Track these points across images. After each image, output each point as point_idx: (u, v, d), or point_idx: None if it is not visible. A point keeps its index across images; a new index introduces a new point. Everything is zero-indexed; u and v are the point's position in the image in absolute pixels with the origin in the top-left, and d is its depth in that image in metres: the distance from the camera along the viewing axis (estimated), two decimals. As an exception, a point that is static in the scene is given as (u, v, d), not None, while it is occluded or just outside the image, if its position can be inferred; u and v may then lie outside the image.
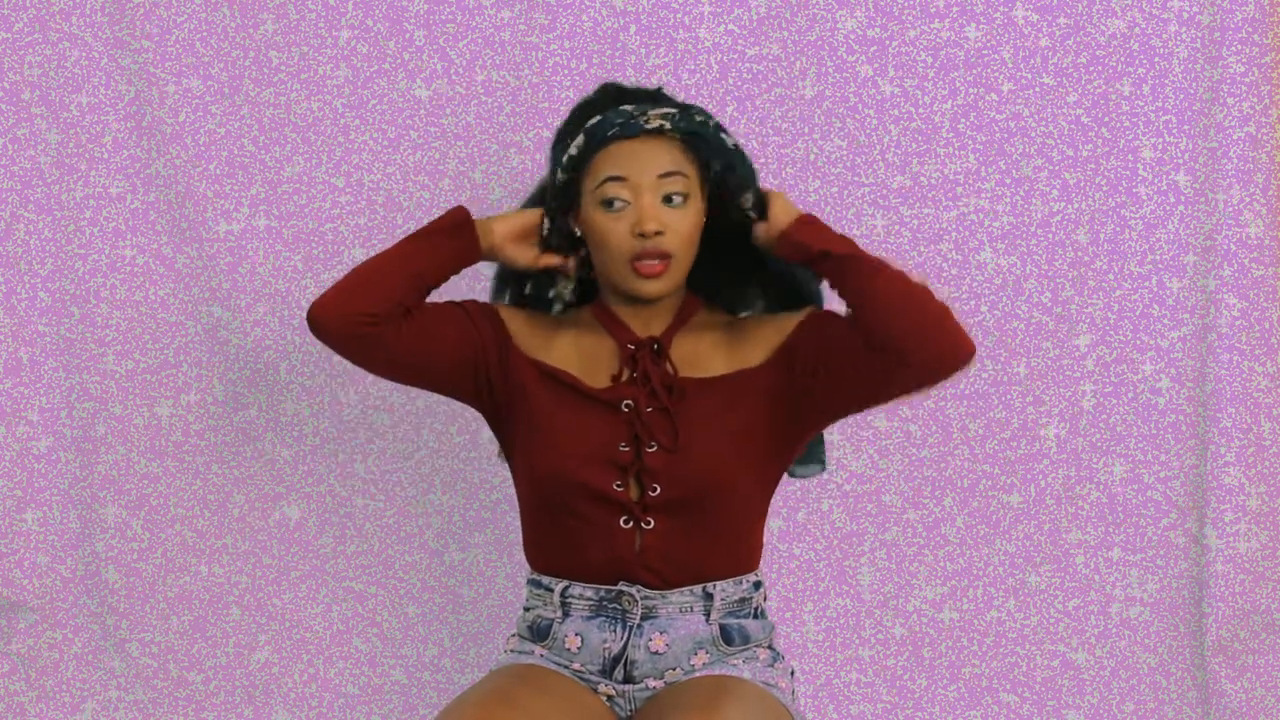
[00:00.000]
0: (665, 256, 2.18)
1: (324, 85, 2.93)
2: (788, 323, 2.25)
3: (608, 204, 2.18)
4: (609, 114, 2.19)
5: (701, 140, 2.19)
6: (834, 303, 2.23)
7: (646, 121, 2.17)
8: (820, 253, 2.18)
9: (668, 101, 2.24)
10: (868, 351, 2.13)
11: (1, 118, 2.94)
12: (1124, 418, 2.97)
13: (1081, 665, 3.00)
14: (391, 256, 2.23)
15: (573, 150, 2.20)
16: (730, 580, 2.23)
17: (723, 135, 2.21)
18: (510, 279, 2.37)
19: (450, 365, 2.25)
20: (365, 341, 2.20)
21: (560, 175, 2.22)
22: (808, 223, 2.21)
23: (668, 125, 2.17)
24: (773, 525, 2.94)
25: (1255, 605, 2.95)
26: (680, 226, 2.18)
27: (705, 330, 2.27)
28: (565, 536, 2.22)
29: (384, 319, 2.19)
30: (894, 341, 2.11)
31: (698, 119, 2.19)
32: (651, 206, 2.17)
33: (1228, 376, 2.91)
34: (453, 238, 2.23)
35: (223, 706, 3.02)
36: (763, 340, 2.24)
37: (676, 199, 2.18)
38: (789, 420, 2.23)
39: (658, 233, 2.16)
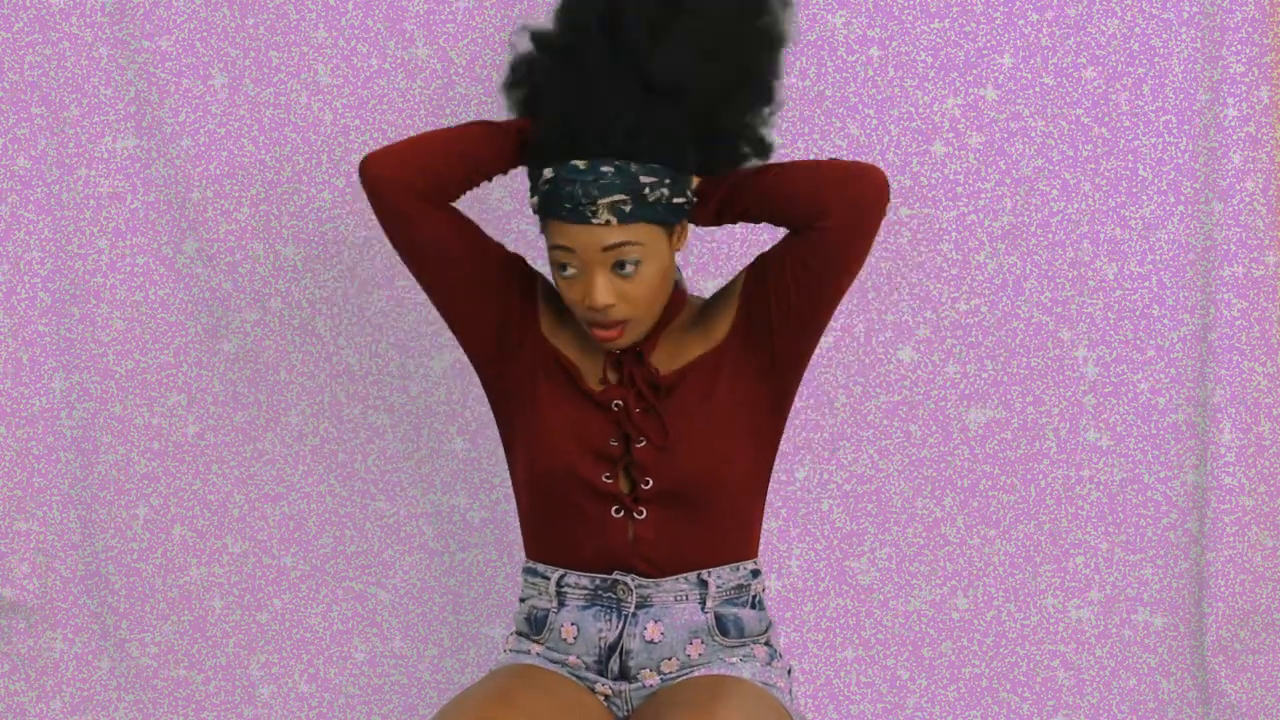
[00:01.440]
0: (618, 324, 2.16)
1: (324, 85, 2.93)
2: (736, 285, 2.26)
3: (560, 267, 2.14)
4: (562, 177, 2.10)
5: (651, 220, 2.12)
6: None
7: (594, 214, 2.09)
8: (727, 185, 2.19)
9: (627, 140, 2.10)
10: (803, 234, 2.14)
11: (1, 118, 2.94)
12: (1124, 418, 2.97)
13: (1081, 665, 3.00)
14: (453, 135, 2.21)
15: (534, 201, 2.15)
16: (727, 567, 2.24)
17: (675, 203, 2.14)
18: None
19: (474, 282, 2.23)
20: (404, 217, 2.19)
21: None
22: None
23: (614, 220, 2.09)
24: (772, 525, 2.95)
25: (1255, 605, 2.95)
26: (634, 292, 2.13)
27: (686, 324, 2.27)
28: (560, 525, 2.22)
29: (432, 196, 2.18)
30: (815, 201, 2.13)
31: (650, 199, 2.10)
32: (601, 280, 2.12)
33: (1228, 376, 2.91)
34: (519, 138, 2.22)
35: (222, 707, 3.02)
36: (723, 312, 2.25)
37: (629, 267, 2.12)
38: (769, 375, 2.23)
39: (608, 305, 2.13)
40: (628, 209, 2.10)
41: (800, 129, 2.92)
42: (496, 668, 2.27)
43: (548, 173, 2.12)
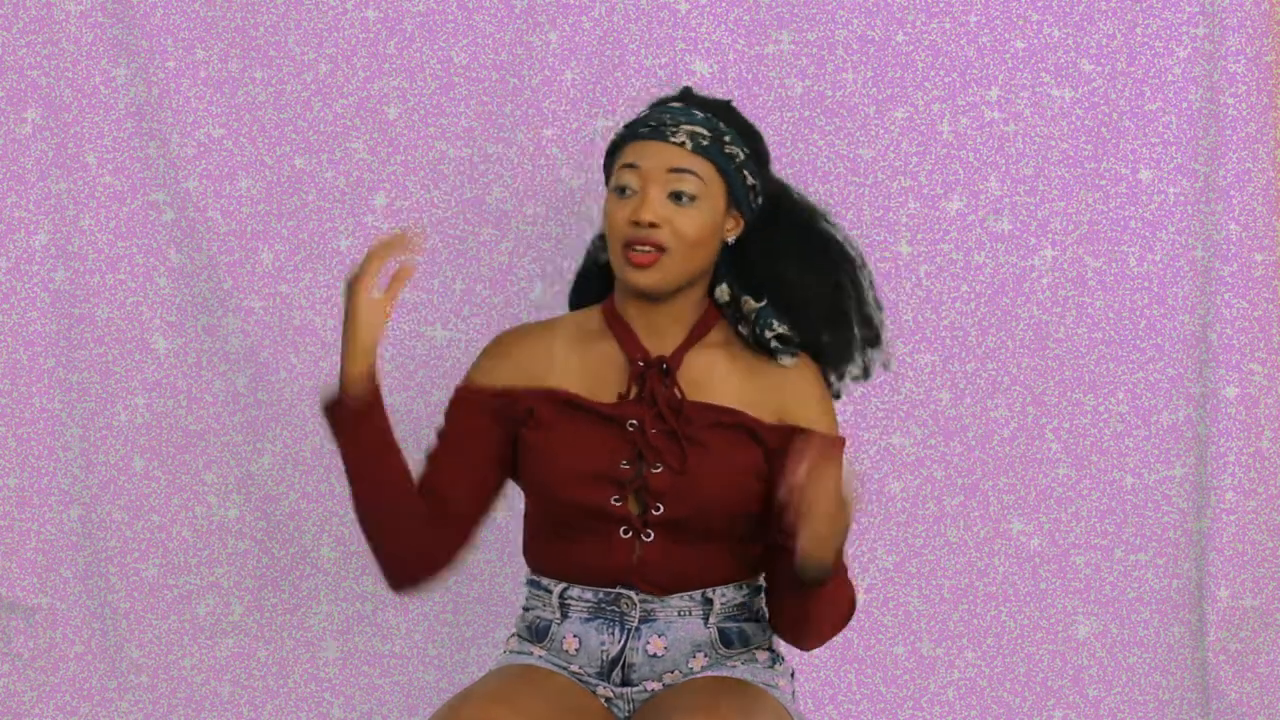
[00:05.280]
0: (658, 248, 2.16)
1: (324, 85, 2.93)
2: (806, 411, 2.22)
3: (620, 190, 2.19)
4: (654, 109, 2.24)
5: (721, 168, 2.21)
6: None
7: (673, 134, 2.19)
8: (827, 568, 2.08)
9: (722, 113, 2.25)
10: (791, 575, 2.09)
11: (1, 117, 2.94)
12: (1124, 418, 2.97)
13: (1081, 665, 3.00)
14: (378, 504, 2.26)
15: (614, 138, 2.25)
16: (731, 585, 2.23)
17: (747, 182, 2.23)
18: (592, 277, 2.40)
19: (507, 470, 2.28)
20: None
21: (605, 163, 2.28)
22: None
23: (689, 145, 2.18)
24: (773, 525, 2.95)
25: (1255, 605, 2.95)
26: (681, 224, 2.17)
27: (719, 349, 2.25)
28: (564, 543, 2.22)
29: (455, 564, 2.26)
30: (786, 619, 2.18)
31: (727, 150, 2.20)
32: (655, 199, 2.17)
33: (1228, 376, 2.91)
34: (364, 427, 2.24)
35: (223, 706, 3.02)
36: (775, 402, 2.22)
37: (685, 199, 2.17)
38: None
39: (653, 224, 2.16)
40: (705, 143, 2.18)
41: (800, 129, 2.92)
42: (497, 667, 2.27)
43: (636, 116, 2.25)
